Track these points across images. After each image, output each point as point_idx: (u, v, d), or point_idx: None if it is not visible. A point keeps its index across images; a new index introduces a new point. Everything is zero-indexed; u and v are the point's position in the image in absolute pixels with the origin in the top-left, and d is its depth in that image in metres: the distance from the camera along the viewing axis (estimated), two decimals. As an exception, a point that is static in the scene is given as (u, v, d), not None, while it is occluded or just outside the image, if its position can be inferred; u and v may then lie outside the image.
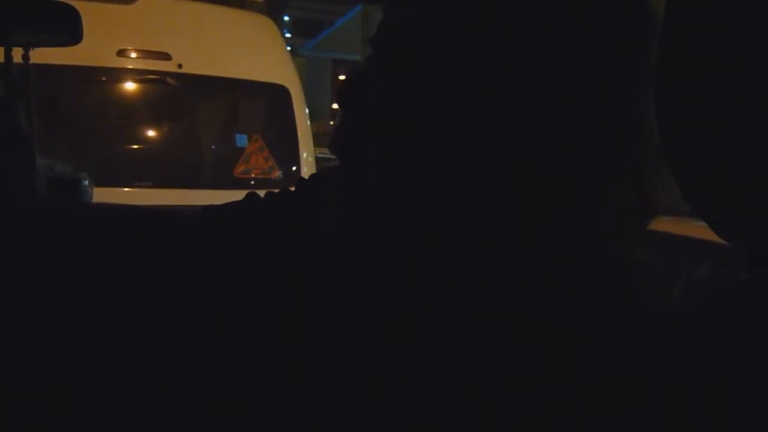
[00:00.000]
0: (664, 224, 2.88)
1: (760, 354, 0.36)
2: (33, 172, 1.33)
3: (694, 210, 0.44)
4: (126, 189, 3.43)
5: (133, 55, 3.59)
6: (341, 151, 0.55)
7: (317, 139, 4.16)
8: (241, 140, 3.92)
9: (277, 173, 3.87)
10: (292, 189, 0.63)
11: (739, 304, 0.40)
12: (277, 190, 0.63)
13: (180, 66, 3.62)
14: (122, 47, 3.54)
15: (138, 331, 0.55)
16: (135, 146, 3.75)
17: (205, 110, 4.04)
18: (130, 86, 3.71)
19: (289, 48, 4.41)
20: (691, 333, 0.39)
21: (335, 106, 0.62)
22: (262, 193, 0.64)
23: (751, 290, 0.40)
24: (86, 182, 1.73)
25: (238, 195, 0.66)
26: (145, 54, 3.60)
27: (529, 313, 0.47)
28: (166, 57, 3.60)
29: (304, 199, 0.61)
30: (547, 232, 0.50)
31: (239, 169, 3.82)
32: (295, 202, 0.61)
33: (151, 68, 3.62)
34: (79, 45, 1.64)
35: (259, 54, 3.93)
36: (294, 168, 3.91)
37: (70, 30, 1.51)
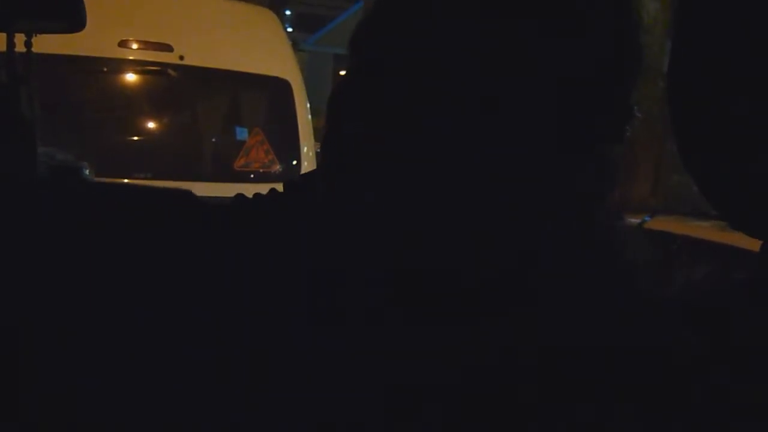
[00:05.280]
0: (663, 223, 2.88)
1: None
2: (34, 159, 1.33)
3: (714, 208, 0.44)
4: (126, 180, 3.42)
5: (135, 46, 3.58)
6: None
7: (318, 134, 4.15)
8: (242, 133, 3.91)
9: (278, 167, 3.86)
10: (281, 190, 0.63)
11: (747, 297, 0.39)
12: (266, 191, 0.63)
13: (182, 58, 3.61)
14: (124, 38, 3.53)
15: (141, 321, 0.55)
16: (135, 137, 3.74)
17: (206, 103, 4.04)
18: (131, 77, 3.70)
19: (290, 43, 4.40)
20: (694, 323, 0.39)
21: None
22: (260, 187, 0.64)
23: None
24: (87, 171, 1.72)
25: (238, 188, 0.66)
26: (147, 45, 3.59)
27: (520, 306, 0.47)
28: (167, 48, 3.59)
29: (294, 199, 0.61)
30: (533, 226, 0.50)
31: (239, 163, 3.81)
32: (285, 203, 0.61)
33: (153, 59, 3.61)
34: (80, 35, 1.63)
35: (261, 47, 3.92)
36: (294, 162, 3.91)
37: (73, 17, 1.51)
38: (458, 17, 0.50)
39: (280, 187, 0.63)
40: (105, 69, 3.61)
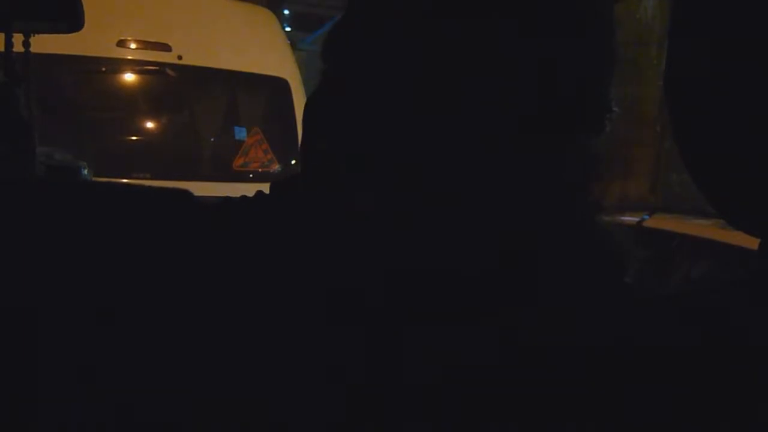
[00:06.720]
0: (663, 222, 2.89)
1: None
2: (33, 159, 1.33)
3: (713, 206, 0.44)
4: (124, 180, 3.42)
5: (133, 45, 3.58)
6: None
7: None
8: (241, 133, 3.92)
9: (276, 166, 3.87)
10: (269, 191, 0.63)
11: (746, 295, 0.40)
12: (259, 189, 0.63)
13: (180, 57, 3.61)
14: (122, 37, 3.54)
15: (139, 320, 0.55)
16: (134, 137, 3.74)
17: (204, 102, 4.04)
18: (129, 77, 3.70)
19: (289, 42, 4.41)
20: (690, 320, 0.39)
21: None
22: (259, 186, 0.64)
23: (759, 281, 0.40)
24: (85, 171, 1.72)
25: (237, 188, 0.66)
26: (145, 45, 3.60)
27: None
28: (166, 48, 3.59)
29: (283, 200, 0.61)
30: (521, 223, 0.50)
31: (238, 162, 3.82)
32: (275, 204, 0.61)
33: (151, 59, 3.61)
34: (78, 35, 1.63)
35: (260, 46, 3.92)
36: (293, 161, 3.91)
37: (71, 17, 1.51)
38: (427, 19, 0.51)
39: (267, 188, 0.63)
40: (103, 69, 3.61)
